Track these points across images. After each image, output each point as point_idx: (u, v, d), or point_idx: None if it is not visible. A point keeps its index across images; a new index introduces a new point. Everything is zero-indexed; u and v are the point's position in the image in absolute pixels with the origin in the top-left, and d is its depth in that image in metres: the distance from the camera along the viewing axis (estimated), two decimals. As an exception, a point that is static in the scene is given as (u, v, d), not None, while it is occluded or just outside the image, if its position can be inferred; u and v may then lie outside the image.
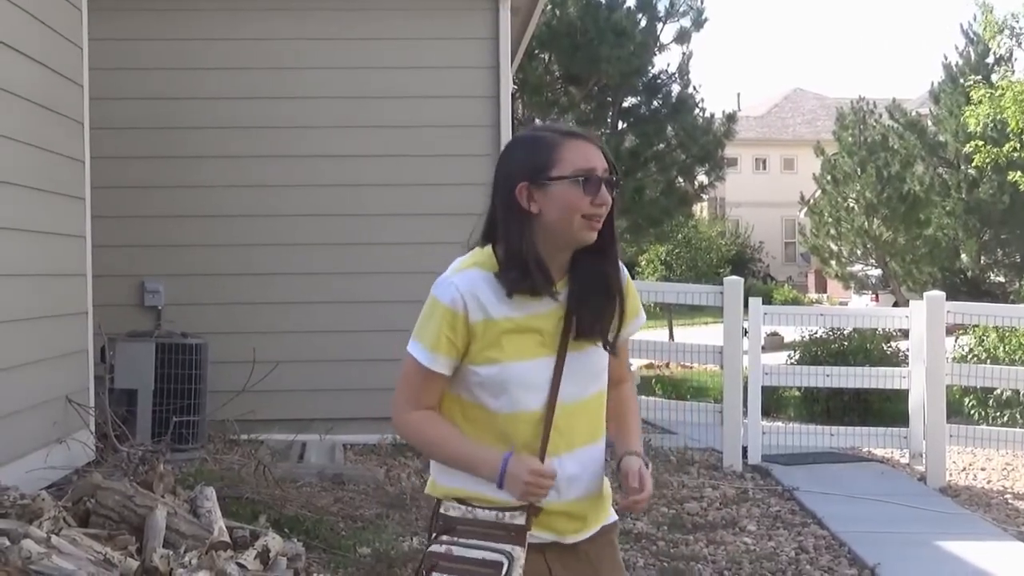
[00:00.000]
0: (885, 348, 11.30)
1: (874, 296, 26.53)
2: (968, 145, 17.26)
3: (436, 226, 7.68)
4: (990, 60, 22.49)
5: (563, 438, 2.23)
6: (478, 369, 2.19)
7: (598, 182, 2.16)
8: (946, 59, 24.79)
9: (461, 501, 2.21)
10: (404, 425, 2.25)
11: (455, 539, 2.17)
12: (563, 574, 2.26)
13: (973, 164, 18.32)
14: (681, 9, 17.94)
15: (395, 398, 2.27)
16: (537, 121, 18.53)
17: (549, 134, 2.23)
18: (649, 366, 15.96)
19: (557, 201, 2.16)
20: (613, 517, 2.38)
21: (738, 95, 44.67)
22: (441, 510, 2.23)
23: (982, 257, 24.09)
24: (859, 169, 24.01)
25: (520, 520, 2.16)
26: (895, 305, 20.80)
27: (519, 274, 2.17)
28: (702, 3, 18.13)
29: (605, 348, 2.26)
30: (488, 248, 2.24)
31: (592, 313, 2.24)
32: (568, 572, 2.26)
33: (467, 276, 2.21)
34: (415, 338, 2.22)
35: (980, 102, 15.27)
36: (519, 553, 2.14)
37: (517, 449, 2.18)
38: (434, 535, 2.22)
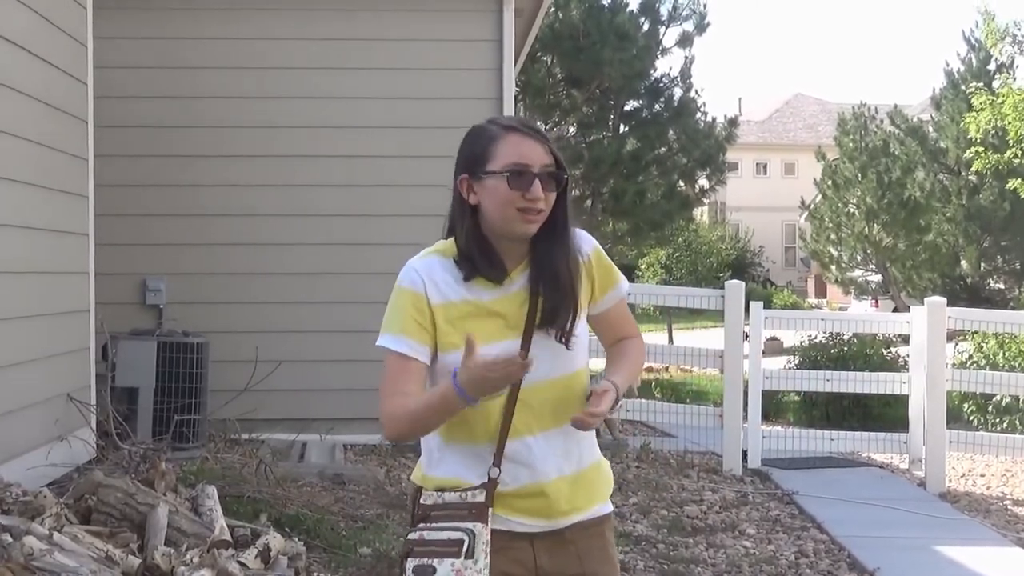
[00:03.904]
0: (885, 353, 11.31)
1: (874, 301, 26.55)
2: (969, 151, 17.26)
3: (438, 227, 7.63)
4: (992, 67, 22.50)
5: (533, 417, 2.23)
6: (446, 357, 2.21)
7: (531, 177, 2.18)
8: (948, 65, 24.82)
9: (439, 489, 2.24)
10: (385, 419, 2.21)
11: (428, 524, 2.21)
12: (548, 562, 2.27)
13: (973, 170, 18.33)
14: (684, 13, 17.95)
15: (380, 402, 2.24)
16: (539, 124, 18.54)
17: (492, 127, 2.26)
18: (649, 369, 15.96)
19: (491, 194, 2.20)
20: (607, 509, 2.37)
21: (739, 99, 44.73)
22: (420, 499, 2.26)
23: (982, 263, 24.09)
24: (860, 174, 24.02)
25: (480, 498, 2.19)
26: (895, 311, 20.79)
27: (470, 263, 2.23)
28: (704, 7, 18.14)
29: (559, 340, 2.24)
30: (451, 239, 2.30)
31: (548, 304, 2.24)
32: (554, 561, 2.27)
33: (426, 261, 2.28)
34: (383, 330, 2.24)
35: (981, 109, 15.27)
36: (480, 529, 2.16)
37: (488, 431, 2.20)
38: (413, 523, 2.26)
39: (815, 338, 11.60)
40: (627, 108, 18.30)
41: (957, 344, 10.89)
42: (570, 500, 2.28)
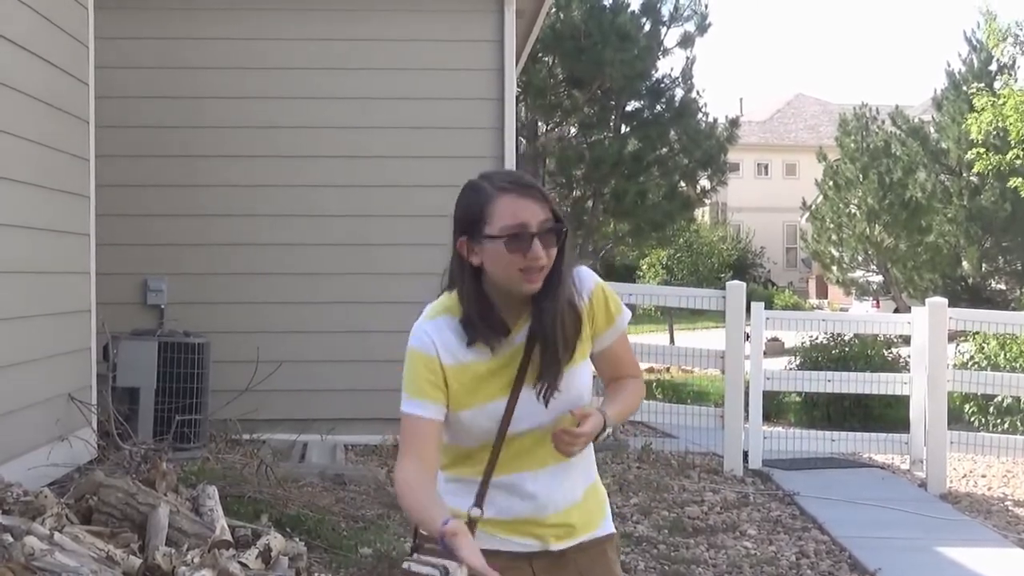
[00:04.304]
0: (886, 354, 11.30)
1: (875, 302, 26.53)
2: (970, 152, 17.26)
3: (439, 227, 7.56)
4: (993, 68, 22.49)
5: (534, 457, 2.26)
6: (458, 414, 2.24)
7: (529, 239, 2.15)
8: (949, 66, 24.81)
9: None
10: (396, 482, 2.25)
11: (418, 556, 2.19)
12: None
13: (975, 171, 18.32)
14: (685, 14, 17.97)
15: (397, 459, 2.27)
16: (541, 124, 18.54)
17: (485, 186, 2.21)
18: (650, 370, 15.96)
19: (492, 257, 2.18)
20: (608, 529, 2.38)
21: (741, 100, 44.90)
22: (418, 528, 2.24)
23: (983, 264, 24.08)
24: (861, 175, 24.01)
25: None
26: (896, 311, 20.77)
27: (471, 328, 2.22)
28: (706, 8, 18.17)
29: (540, 397, 2.23)
30: (455, 292, 2.27)
31: (542, 361, 2.24)
32: None
33: (436, 323, 2.25)
34: (404, 396, 2.24)
35: (983, 110, 15.27)
36: (454, 568, 2.11)
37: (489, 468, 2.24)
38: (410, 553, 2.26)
39: (816, 339, 11.59)
40: (628, 109, 18.32)
41: (958, 345, 10.89)
42: (570, 528, 2.30)
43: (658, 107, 18.19)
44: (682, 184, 18.36)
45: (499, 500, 2.26)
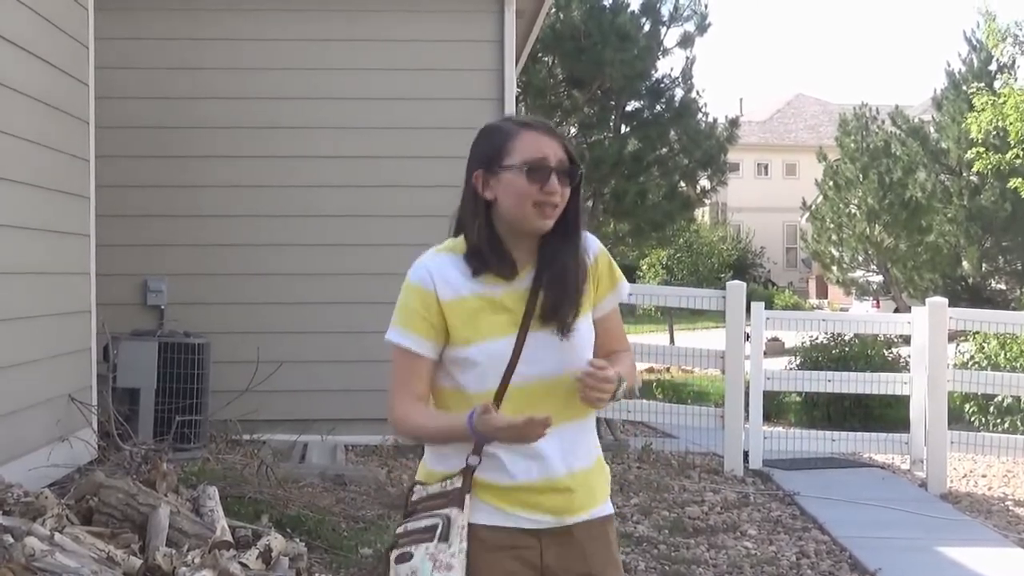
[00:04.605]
0: (886, 354, 11.31)
1: (875, 302, 26.53)
2: (970, 152, 17.25)
3: (440, 227, 7.52)
4: (993, 67, 22.48)
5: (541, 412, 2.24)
6: (457, 351, 2.24)
7: (548, 171, 2.22)
8: (949, 66, 24.81)
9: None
10: (394, 420, 2.29)
11: (413, 516, 2.25)
12: (555, 561, 2.27)
13: (974, 171, 18.30)
14: (685, 14, 17.93)
15: (388, 398, 2.30)
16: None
17: (507, 124, 2.31)
18: (650, 370, 15.97)
19: (508, 189, 2.24)
20: (610, 510, 2.39)
21: (741, 100, 44.89)
22: (410, 497, 2.29)
23: (983, 264, 24.08)
24: (861, 175, 24.01)
25: (458, 483, 2.22)
26: (896, 311, 20.77)
27: (480, 258, 2.25)
28: (706, 8, 18.13)
29: (559, 332, 2.26)
30: (461, 237, 2.32)
31: (553, 299, 2.26)
32: (560, 560, 2.28)
33: (436, 259, 2.30)
34: (392, 325, 2.28)
35: (983, 109, 15.27)
36: (455, 514, 2.19)
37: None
38: (403, 520, 2.30)
39: (816, 339, 11.60)
40: (628, 109, 18.29)
41: (958, 345, 10.89)
42: (579, 496, 2.29)
43: (658, 107, 18.16)
44: (682, 184, 18.35)
45: (504, 459, 2.22)
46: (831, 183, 25.12)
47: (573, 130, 18.54)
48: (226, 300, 7.93)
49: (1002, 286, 24.52)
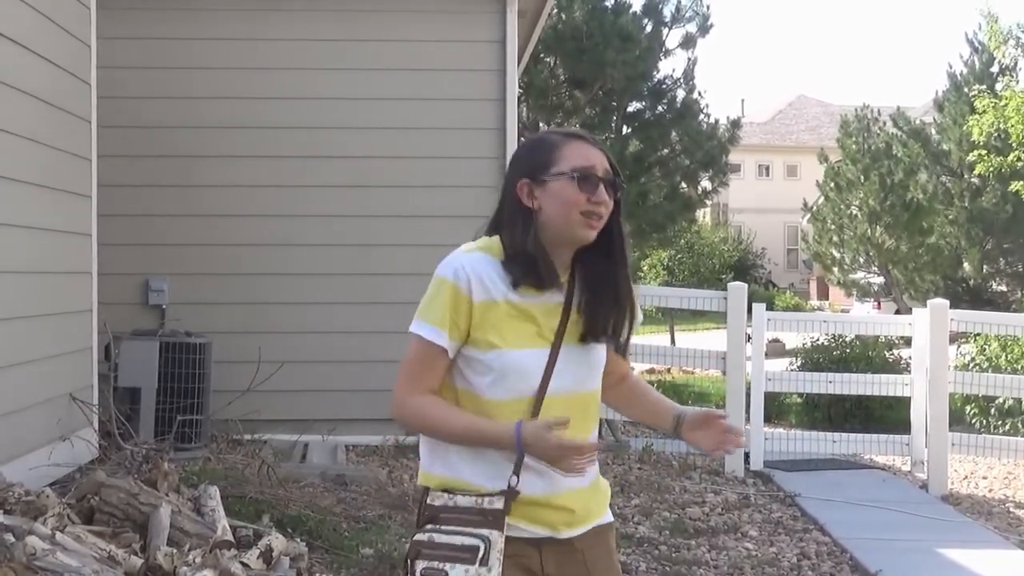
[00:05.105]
0: (887, 355, 11.30)
1: (876, 304, 26.52)
2: (971, 154, 17.25)
3: (441, 228, 7.68)
4: (995, 69, 22.47)
5: None
6: (477, 353, 2.22)
7: (596, 180, 2.22)
8: (951, 68, 24.82)
9: (446, 490, 2.23)
10: (404, 408, 2.25)
11: (438, 527, 2.20)
12: (556, 570, 2.27)
13: (976, 173, 18.29)
14: (687, 15, 17.93)
15: (396, 385, 2.27)
16: (543, 125, 18.55)
17: (552, 135, 2.31)
18: (651, 371, 15.95)
19: (555, 197, 2.22)
20: (608, 518, 2.39)
21: (742, 101, 44.96)
22: (427, 500, 2.25)
23: (984, 266, 24.07)
24: (862, 176, 23.99)
25: (498, 504, 2.18)
26: (897, 313, 20.77)
27: (523, 268, 2.23)
28: (708, 9, 18.13)
29: (617, 351, 2.32)
30: (496, 237, 2.29)
31: (603, 317, 2.28)
32: (561, 568, 2.28)
33: (473, 258, 2.25)
34: (419, 317, 2.25)
35: (984, 111, 15.26)
36: (496, 537, 2.15)
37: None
38: (420, 524, 2.26)
39: (817, 340, 11.59)
40: (630, 109, 18.29)
41: (959, 346, 10.89)
42: (578, 514, 2.30)
43: (659, 108, 18.16)
44: (683, 185, 18.34)
45: (523, 476, 2.21)
46: (832, 184, 25.10)
47: (574, 131, 18.51)
48: (228, 300, 7.93)
49: (1003, 288, 24.51)
